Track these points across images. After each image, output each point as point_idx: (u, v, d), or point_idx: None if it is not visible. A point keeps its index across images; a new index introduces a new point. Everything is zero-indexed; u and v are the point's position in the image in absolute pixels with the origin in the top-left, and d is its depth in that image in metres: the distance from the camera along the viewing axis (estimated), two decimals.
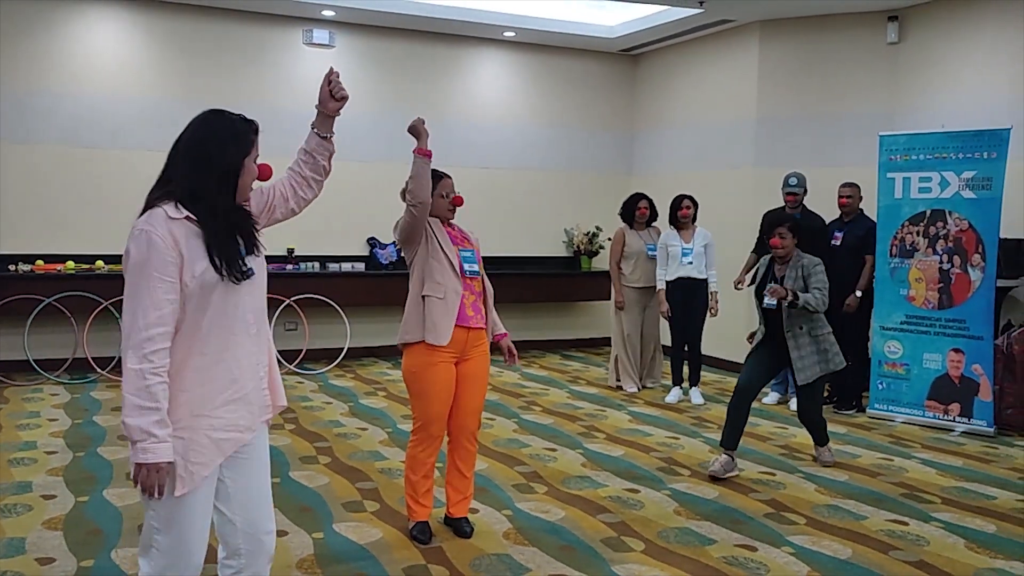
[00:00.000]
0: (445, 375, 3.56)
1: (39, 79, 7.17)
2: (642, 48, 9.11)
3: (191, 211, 2.08)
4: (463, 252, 3.62)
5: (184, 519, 2.12)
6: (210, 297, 2.08)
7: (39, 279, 6.82)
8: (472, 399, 3.68)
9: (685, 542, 3.75)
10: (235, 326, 2.15)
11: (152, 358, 2.00)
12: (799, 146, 7.67)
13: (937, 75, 6.97)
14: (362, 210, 8.01)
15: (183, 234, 2.05)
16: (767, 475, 4.78)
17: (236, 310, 2.14)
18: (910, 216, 6.13)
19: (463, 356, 3.62)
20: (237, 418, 2.18)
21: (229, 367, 2.15)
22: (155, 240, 2.01)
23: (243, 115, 2.24)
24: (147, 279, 2.00)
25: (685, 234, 6.62)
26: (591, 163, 9.40)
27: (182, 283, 2.05)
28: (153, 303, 2.00)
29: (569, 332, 9.36)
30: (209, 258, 2.06)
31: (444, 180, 3.63)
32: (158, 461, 2.01)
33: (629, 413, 6.29)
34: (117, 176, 7.32)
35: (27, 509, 3.94)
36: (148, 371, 1.99)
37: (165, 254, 2.01)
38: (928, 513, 4.19)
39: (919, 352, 6.08)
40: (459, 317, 3.55)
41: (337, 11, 7.78)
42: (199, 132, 2.15)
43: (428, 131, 3.45)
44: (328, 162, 2.52)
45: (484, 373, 3.72)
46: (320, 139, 2.50)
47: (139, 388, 1.99)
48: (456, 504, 3.80)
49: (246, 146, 2.17)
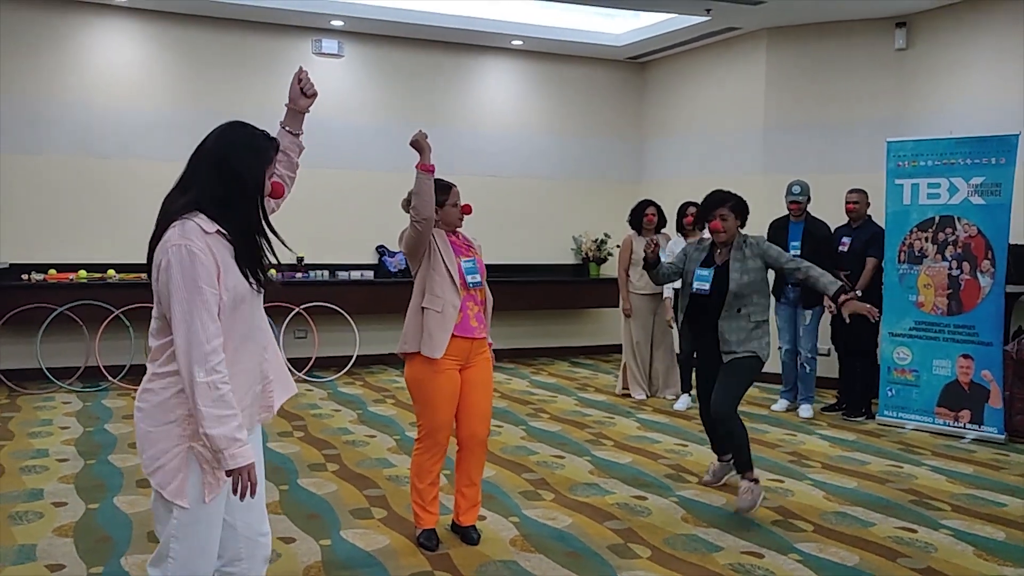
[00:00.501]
0: (449, 383, 3.57)
1: (51, 90, 7.26)
2: (649, 56, 9.13)
3: (220, 224, 2.11)
4: (466, 263, 3.61)
5: (204, 526, 2.15)
6: (240, 308, 2.15)
7: (51, 288, 6.89)
8: (480, 404, 3.69)
9: (692, 549, 3.75)
10: (255, 334, 2.23)
11: (219, 368, 2.05)
12: (807, 152, 7.66)
13: (945, 81, 6.96)
14: (371, 218, 8.04)
15: (217, 247, 2.10)
16: (775, 482, 4.77)
17: (254, 319, 2.22)
18: (919, 222, 6.12)
19: (467, 363, 3.64)
20: (250, 422, 2.25)
21: (252, 373, 2.22)
22: (196, 253, 2.03)
23: (266, 132, 2.27)
24: (198, 292, 2.02)
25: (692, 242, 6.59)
26: (599, 171, 9.41)
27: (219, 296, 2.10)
28: (210, 315, 2.04)
29: (578, 339, 9.36)
30: (240, 270, 2.13)
31: (453, 189, 3.65)
32: (248, 463, 2.08)
33: (637, 420, 6.28)
34: (128, 186, 7.39)
35: (38, 516, 3.97)
36: (219, 381, 2.04)
37: (209, 266, 2.05)
38: (937, 520, 4.17)
39: (928, 358, 6.06)
40: (462, 328, 3.56)
41: (346, 21, 7.83)
42: (219, 144, 2.16)
43: (431, 145, 3.44)
44: (298, 158, 2.58)
45: (489, 378, 3.73)
46: (292, 136, 2.55)
47: (214, 399, 2.03)
48: (465, 512, 3.80)
49: (266, 160, 2.22)
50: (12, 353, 7.06)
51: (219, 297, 2.07)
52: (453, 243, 3.65)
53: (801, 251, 6.30)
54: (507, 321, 8.56)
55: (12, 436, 5.45)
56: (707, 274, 4.34)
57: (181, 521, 2.13)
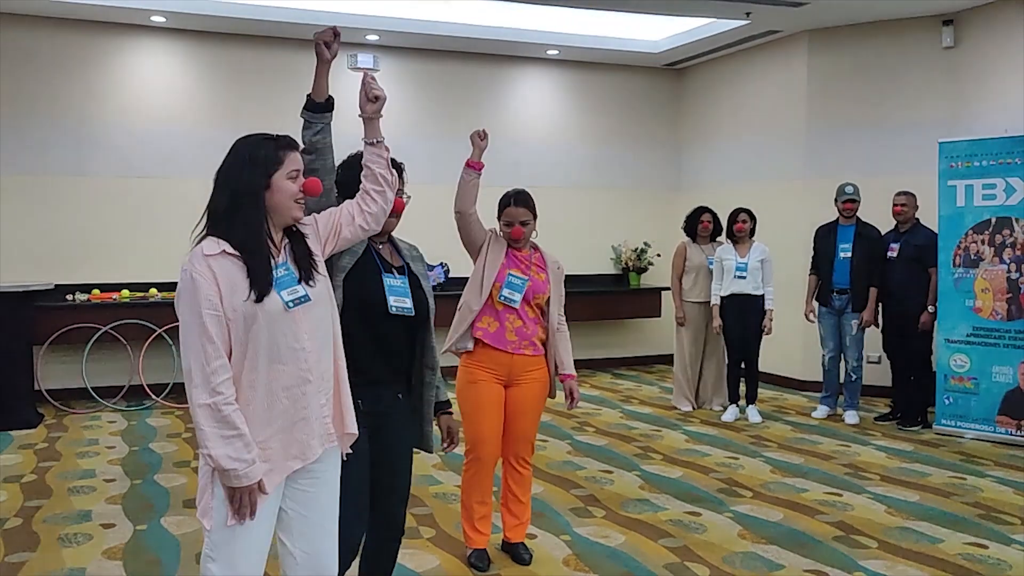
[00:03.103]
0: (489, 394, 3.50)
1: (92, 111, 7.33)
2: (688, 62, 9.01)
3: (230, 242, 2.08)
4: (513, 277, 3.50)
5: (236, 549, 2.09)
6: (253, 327, 2.07)
7: (95, 308, 6.93)
8: (519, 426, 3.59)
9: (752, 567, 3.62)
10: (284, 355, 2.11)
11: (220, 389, 2.02)
12: (851, 156, 7.48)
13: (995, 78, 6.75)
14: (408, 232, 7.93)
15: (221, 268, 2.06)
16: (833, 495, 4.62)
17: (285, 339, 2.11)
18: (974, 224, 5.93)
19: (512, 380, 3.53)
20: (287, 445, 2.14)
21: (278, 397, 2.11)
22: (196, 278, 2.04)
23: (273, 133, 2.21)
24: (197, 316, 2.03)
25: (741, 248, 6.47)
26: (638, 179, 9.30)
27: (225, 317, 2.06)
28: (208, 337, 2.03)
29: (619, 350, 9.23)
30: (250, 285, 2.06)
31: (508, 209, 3.59)
32: (250, 484, 2.04)
33: (685, 433, 6.15)
34: (169, 204, 7.43)
35: (87, 538, 3.95)
36: (222, 403, 2.02)
37: (208, 290, 2.03)
38: (1008, 535, 3.99)
39: (988, 365, 5.85)
40: (497, 340, 3.48)
41: (381, 35, 7.83)
42: (225, 160, 2.18)
43: (485, 144, 3.48)
44: (386, 170, 2.42)
45: (534, 401, 3.59)
46: (368, 146, 2.44)
47: (217, 420, 2.02)
48: (512, 528, 3.73)
49: (269, 165, 2.13)
50: (58, 373, 7.12)
51: (224, 318, 2.04)
52: (513, 256, 3.57)
53: (852, 253, 6.17)
54: None
55: (60, 456, 5.47)
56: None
57: (213, 541, 2.10)
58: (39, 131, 7.17)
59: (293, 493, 2.20)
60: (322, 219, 2.34)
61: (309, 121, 2.54)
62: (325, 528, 2.24)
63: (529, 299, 3.52)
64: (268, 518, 2.15)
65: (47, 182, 7.20)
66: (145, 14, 7.13)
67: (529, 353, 3.54)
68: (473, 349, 3.50)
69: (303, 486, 2.21)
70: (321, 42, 2.52)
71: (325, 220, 2.34)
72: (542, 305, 3.58)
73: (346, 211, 2.37)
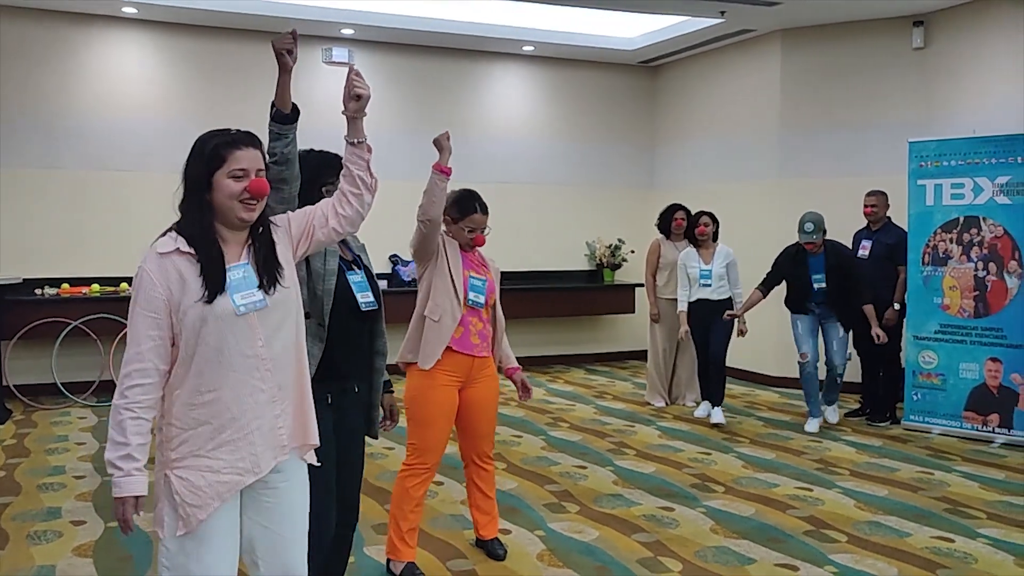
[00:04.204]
0: (446, 402, 3.40)
1: (62, 103, 7.22)
2: (662, 60, 9.05)
3: (187, 239, 2.02)
4: (474, 279, 3.45)
5: (190, 562, 2.03)
6: (203, 330, 1.99)
7: (65, 302, 6.84)
8: (480, 425, 3.55)
9: (724, 562, 3.66)
10: (235, 362, 2.02)
11: (127, 393, 1.98)
12: (824, 155, 7.57)
13: (966, 79, 6.86)
14: (383, 227, 7.88)
15: (173, 268, 2.00)
16: (804, 490, 4.67)
17: (237, 344, 2.02)
18: (942, 223, 6.02)
19: (468, 382, 3.46)
20: (237, 459, 2.04)
21: (228, 405, 2.02)
22: (143, 276, 2.00)
23: (229, 128, 2.12)
24: (134, 315, 2.00)
25: (705, 253, 6.41)
26: (612, 176, 9.33)
27: (175, 319, 1.99)
28: (135, 339, 1.99)
29: (593, 346, 9.26)
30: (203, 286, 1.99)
31: (473, 216, 3.46)
32: (124, 495, 1.98)
33: (658, 428, 6.19)
34: (140, 198, 7.34)
35: (57, 536, 3.91)
36: (122, 406, 1.98)
37: (151, 290, 1.98)
38: (974, 529, 4.07)
39: (955, 362, 5.95)
40: (461, 343, 3.39)
41: (356, 29, 7.79)
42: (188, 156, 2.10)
43: (451, 147, 3.30)
44: (366, 172, 2.29)
45: (492, 399, 3.56)
46: (350, 146, 2.30)
47: (115, 423, 1.98)
48: (485, 526, 3.70)
49: (213, 160, 2.04)
50: (27, 368, 7.01)
51: (172, 321, 1.99)
52: (465, 257, 3.50)
53: (827, 284, 5.91)
54: (521, 328, 8.48)
55: (29, 453, 5.39)
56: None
57: (168, 549, 2.04)
58: (7, 123, 7.04)
59: (256, 506, 2.12)
60: (295, 219, 2.25)
61: (280, 133, 2.46)
62: (292, 541, 2.17)
63: (488, 300, 3.50)
64: (225, 532, 2.07)
65: (14, 175, 7.07)
66: (116, 4, 7.02)
67: (487, 355, 3.53)
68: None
69: (265, 498, 2.13)
70: (283, 51, 2.39)
71: (298, 221, 2.24)
72: (492, 304, 3.56)
73: (320, 212, 2.26)
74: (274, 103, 2.47)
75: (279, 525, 2.14)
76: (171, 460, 2.04)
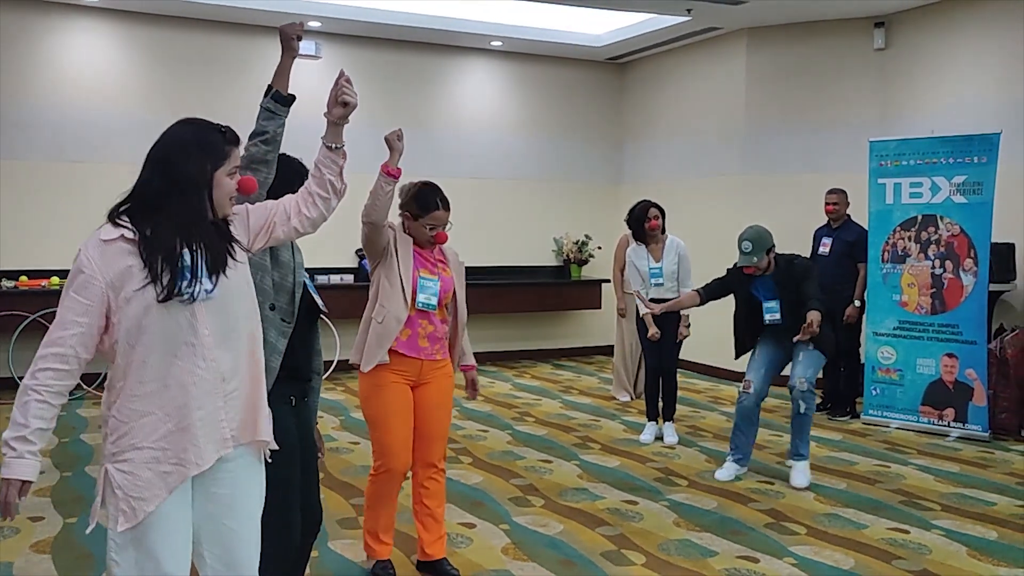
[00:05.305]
0: (400, 398, 3.27)
1: (20, 92, 7.07)
2: (629, 56, 9.10)
3: (136, 226, 1.97)
4: (425, 280, 3.27)
5: (140, 554, 1.98)
6: (145, 318, 1.93)
7: (23, 295, 6.72)
8: (432, 426, 3.35)
9: (686, 554, 3.71)
10: (179, 350, 1.96)
11: (38, 375, 1.95)
12: (787, 153, 7.67)
13: (925, 80, 6.99)
14: (351, 222, 7.84)
15: (116, 255, 1.95)
16: (765, 484, 4.75)
17: (181, 332, 1.96)
18: (901, 221, 6.13)
19: (419, 381, 3.32)
20: (179, 450, 1.98)
21: (173, 395, 1.97)
22: (81, 260, 1.96)
23: (219, 124, 2.07)
24: (65, 299, 1.95)
25: (655, 249, 5.72)
26: (579, 172, 9.37)
27: (113, 307, 1.94)
28: (61, 322, 1.95)
29: (560, 341, 9.31)
30: (148, 275, 1.93)
31: (435, 213, 3.29)
32: (11, 477, 1.93)
33: (623, 423, 6.24)
34: (100, 189, 7.15)
35: (14, 532, 3.85)
36: (31, 387, 1.94)
37: (87, 276, 1.94)
38: (929, 520, 4.16)
39: (912, 357, 6.07)
40: (408, 346, 3.25)
41: (323, 22, 7.72)
42: (164, 139, 2.03)
43: (403, 147, 3.09)
44: (337, 178, 2.25)
45: (446, 398, 3.40)
46: (326, 149, 2.25)
47: (19, 404, 1.95)
48: (432, 544, 3.44)
49: (217, 157, 2.01)
50: None
51: (109, 310, 1.93)
52: (420, 255, 3.33)
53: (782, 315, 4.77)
54: (488, 323, 8.50)
55: None
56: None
57: (116, 543, 2.00)
58: None
59: (204, 496, 2.06)
60: (255, 212, 2.19)
61: (274, 112, 2.50)
62: (239, 534, 2.09)
63: (442, 300, 3.33)
64: (175, 525, 2.01)
65: None
66: None
67: (439, 357, 3.37)
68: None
69: (213, 488, 2.06)
70: (293, 36, 2.51)
71: (258, 214, 2.19)
72: (448, 303, 3.41)
73: (282, 209, 2.21)
74: (272, 85, 2.54)
75: (226, 516, 2.08)
76: (112, 454, 2.01)
